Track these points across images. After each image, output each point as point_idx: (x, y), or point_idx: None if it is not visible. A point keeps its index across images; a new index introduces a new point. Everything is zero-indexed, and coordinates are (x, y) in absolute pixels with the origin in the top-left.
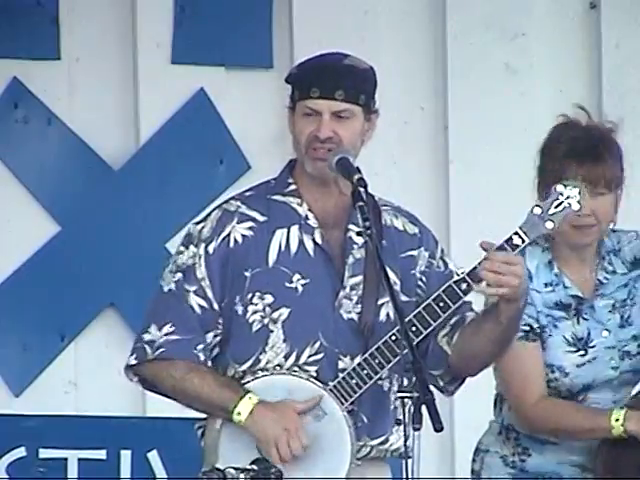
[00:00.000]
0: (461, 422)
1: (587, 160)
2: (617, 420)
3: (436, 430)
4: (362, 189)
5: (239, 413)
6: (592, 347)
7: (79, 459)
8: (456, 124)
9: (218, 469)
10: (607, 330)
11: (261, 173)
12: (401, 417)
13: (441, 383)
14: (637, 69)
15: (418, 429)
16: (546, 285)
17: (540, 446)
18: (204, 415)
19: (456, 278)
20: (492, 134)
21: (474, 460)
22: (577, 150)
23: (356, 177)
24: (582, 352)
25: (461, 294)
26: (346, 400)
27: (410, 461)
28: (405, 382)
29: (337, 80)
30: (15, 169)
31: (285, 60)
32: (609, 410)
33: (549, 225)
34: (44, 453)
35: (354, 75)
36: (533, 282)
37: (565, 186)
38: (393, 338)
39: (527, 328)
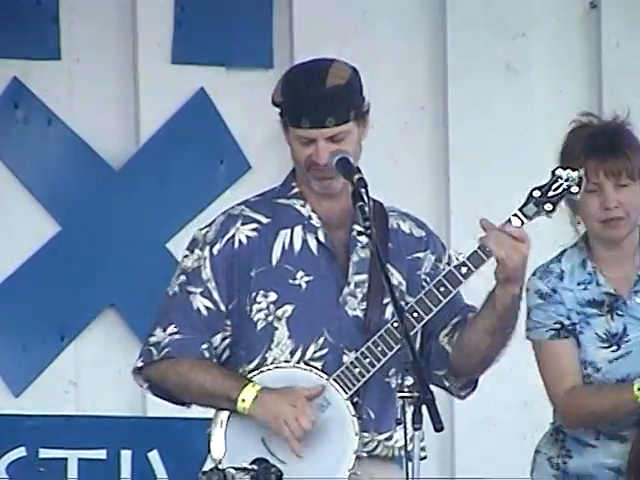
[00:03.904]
0: (461, 422)
1: (606, 154)
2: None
3: (436, 430)
4: (362, 189)
5: (243, 400)
6: (627, 342)
7: (79, 459)
8: (456, 124)
9: (218, 469)
10: None
11: (261, 173)
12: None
13: (446, 384)
14: (637, 69)
15: (418, 429)
16: (579, 284)
17: (581, 448)
18: (204, 415)
19: (456, 262)
20: (492, 134)
21: (532, 460)
22: (595, 146)
23: (356, 177)
24: (614, 347)
25: (461, 278)
26: (349, 389)
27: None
28: (410, 381)
29: (325, 109)
30: (15, 169)
31: (285, 60)
32: (631, 382)
33: (548, 207)
34: (44, 453)
35: (340, 95)
36: (565, 281)
37: (564, 169)
38: (395, 325)
39: (558, 326)
